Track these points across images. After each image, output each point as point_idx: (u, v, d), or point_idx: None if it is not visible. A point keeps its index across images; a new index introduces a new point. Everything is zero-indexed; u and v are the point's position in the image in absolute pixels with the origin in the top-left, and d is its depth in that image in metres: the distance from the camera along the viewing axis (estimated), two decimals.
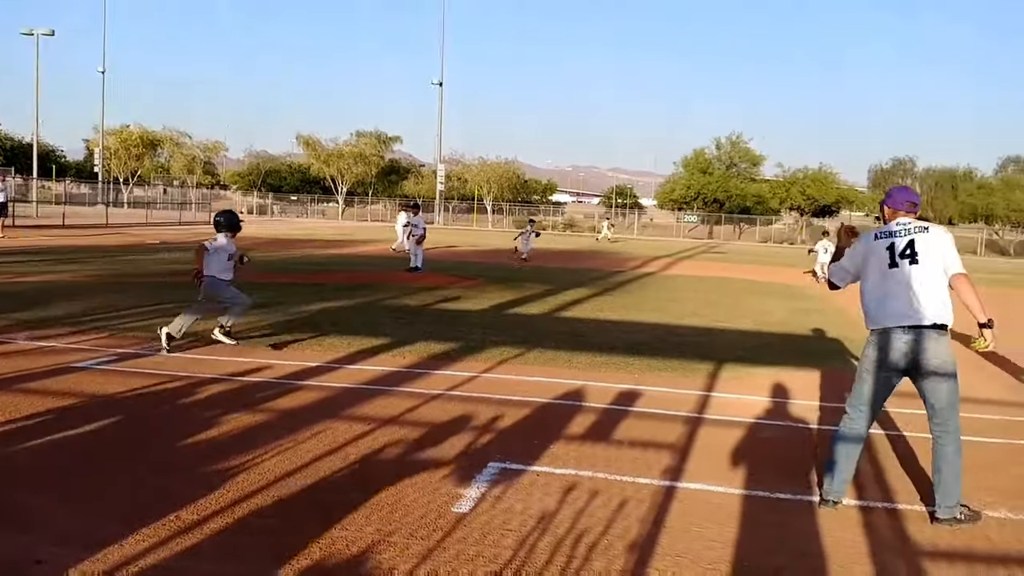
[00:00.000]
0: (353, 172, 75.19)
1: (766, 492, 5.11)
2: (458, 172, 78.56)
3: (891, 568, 4.09)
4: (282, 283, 16.00)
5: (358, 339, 9.67)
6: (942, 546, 4.40)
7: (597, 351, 9.67)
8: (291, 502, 4.54)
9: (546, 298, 15.33)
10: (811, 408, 7.44)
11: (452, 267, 22.16)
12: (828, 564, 4.08)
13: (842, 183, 70.80)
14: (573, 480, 5.09)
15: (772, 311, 15.19)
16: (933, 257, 4.75)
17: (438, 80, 66.55)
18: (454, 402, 6.97)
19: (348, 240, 34.85)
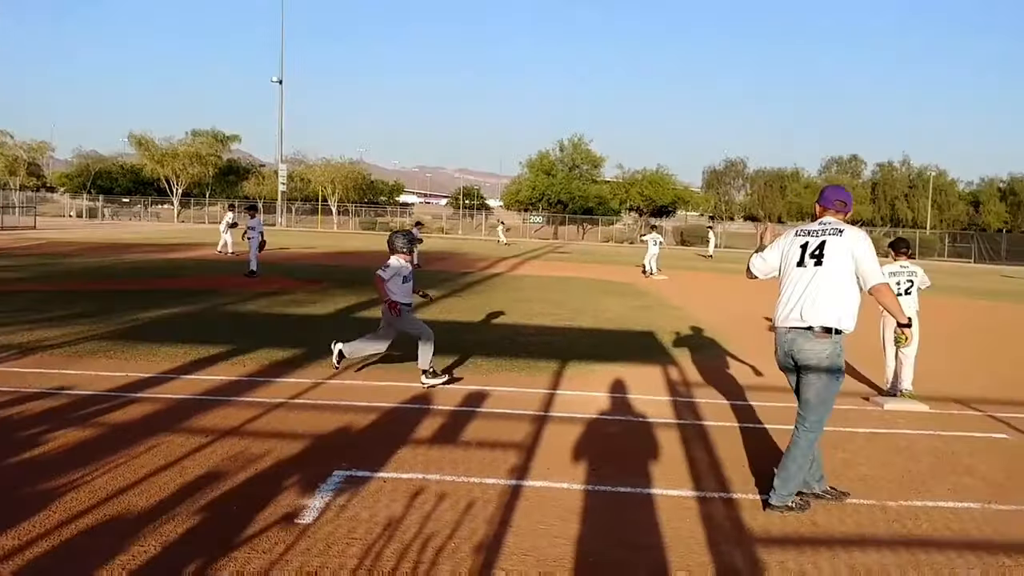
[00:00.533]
0: (189, 173, 72.26)
1: (608, 487, 5.25)
2: (301, 172, 76.92)
3: (727, 556, 4.27)
4: (113, 290, 15.24)
5: (195, 347, 9.31)
6: (774, 532, 4.63)
7: (444, 353, 9.64)
8: (124, 521, 4.31)
9: None
10: (649, 402, 7.69)
11: (296, 270, 21.70)
12: (668, 555, 4.23)
13: (678, 184, 73.68)
14: (420, 484, 5.07)
15: (611, 308, 15.65)
16: (840, 261, 4.85)
17: (278, 78, 64.92)
18: (297, 410, 6.81)
19: (184, 244, 33.51)
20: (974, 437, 6.92)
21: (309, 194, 76.41)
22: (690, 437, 6.53)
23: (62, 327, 10.34)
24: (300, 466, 5.33)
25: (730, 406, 7.74)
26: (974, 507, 5.19)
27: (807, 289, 4.87)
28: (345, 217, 75.54)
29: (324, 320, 12.37)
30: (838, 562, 4.23)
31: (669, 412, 7.37)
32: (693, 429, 6.80)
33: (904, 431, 6.96)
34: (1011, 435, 7.06)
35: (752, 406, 7.79)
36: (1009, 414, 7.80)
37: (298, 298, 15.04)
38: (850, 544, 4.50)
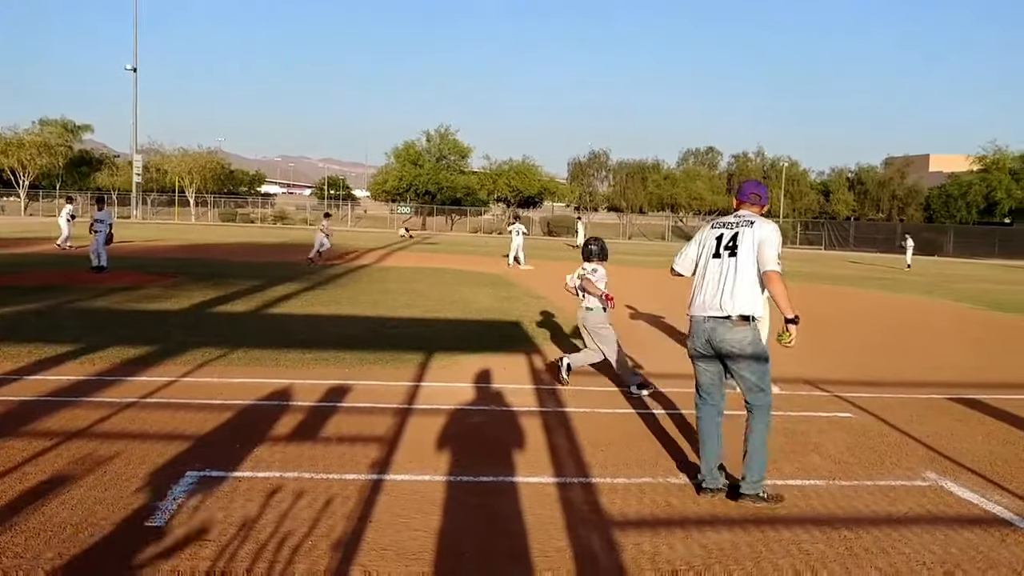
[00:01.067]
0: (37, 163, 68.26)
1: (470, 477, 5.25)
2: (157, 163, 73.94)
3: (585, 540, 4.33)
4: None
5: (41, 346, 8.80)
6: (631, 515, 4.73)
7: (306, 347, 9.48)
8: None
9: (253, 294, 14.81)
10: (513, 391, 7.75)
11: (150, 264, 20.82)
12: (528, 542, 4.26)
13: (544, 175, 74.59)
14: (278, 483, 4.94)
15: (478, 299, 15.70)
16: (750, 251, 4.97)
17: (132, 65, 62.09)
18: (149, 410, 6.53)
19: (32, 238, 31.67)
20: (821, 417, 7.27)
21: (166, 185, 73.54)
22: (552, 425, 6.61)
23: None
24: (151, 468, 5.10)
25: (592, 392, 7.88)
26: (820, 484, 5.45)
27: (723, 280, 4.99)
28: (204, 208, 73.06)
29: (179, 315, 11.91)
30: (691, 542, 4.36)
31: (532, 400, 7.45)
32: (555, 416, 6.89)
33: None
34: (855, 414, 7.46)
35: (613, 391, 7.96)
36: (853, 394, 8.24)
37: (152, 293, 14.44)
38: (703, 524, 4.64)
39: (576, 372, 8.34)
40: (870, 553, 4.30)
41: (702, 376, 5.21)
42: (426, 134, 72.96)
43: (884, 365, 10.34)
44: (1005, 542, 4.52)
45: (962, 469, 5.88)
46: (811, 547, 4.35)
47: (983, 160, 67.04)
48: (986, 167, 66.70)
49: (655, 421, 6.91)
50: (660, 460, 5.83)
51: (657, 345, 11.00)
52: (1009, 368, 10.56)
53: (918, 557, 4.26)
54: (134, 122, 63.27)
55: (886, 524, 4.75)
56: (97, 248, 18.82)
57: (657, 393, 7.93)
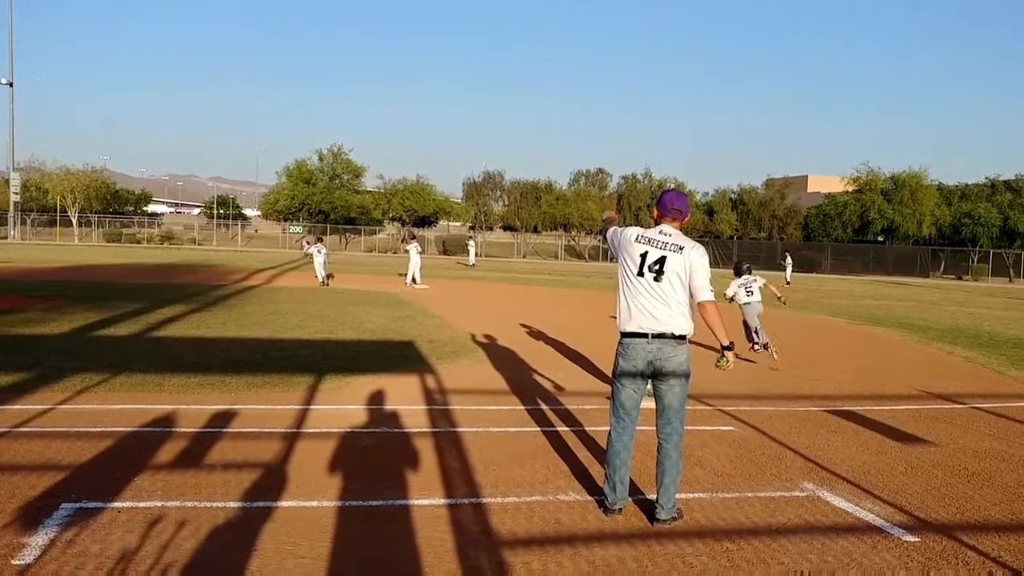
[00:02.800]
0: None
1: (360, 501, 5.20)
2: (37, 181, 70.85)
3: (475, 561, 4.34)
4: None
5: None
6: (520, 534, 4.76)
7: (191, 371, 9.22)
8: None
9: (138, 317, 14.32)
10: (405, 412, 7.71)
11: (28, 287, 19.90)
12: (417, 566, 4.24)
13: (439, 195, 74.59)
14: (159, 512, 4.79)
15: (372, 319, 15.56)
16: (678, 278, 4.97)
17: (7, 79, 59.42)
18: (22, 440, 6.23)
19: None
20: (704, 431, 7.47)
21: (47, 204, 70.47)
22: (444, 445, 6.60)
23: None
24: (21, 501, 4.87)
25: (483, 411, 7.91)
26: (703, 496, 5.61)
27: (652, 300, 4.98)
28: (87, 229, 70.32)
29: (58, 340, 11.42)
30: (580, 559, 4.42)
31: (424, 421, 7.43)
32: (447, 437, 6.89)
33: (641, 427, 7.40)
34: (736, 427, 7.70)
35: (506, 410, 8.01)
36: (734, 407, 8.52)
37: (29, 317, 13.79)
38: (591, 540, 4.71)
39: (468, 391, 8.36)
40: (751, 564, 4.44)
41: (625, 395, 5.15)
42: (318, 153, 72.10)
43: (764, 378, 10.71)
44: (876, 548, 4.74)
45: (837, 479, 6.14)
46: (695, 560, 4.46)
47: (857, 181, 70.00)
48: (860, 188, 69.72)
49: (547, 439, 6.98)
50: (550, 478, 5.89)
51: (554, 361, 11.11)
52: (883, 380, 11.06)
53: (796, 566, 4.42)
54: (11, 139, 60.54)
55: (766, 535, 4.91)
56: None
57: (550, 411, 8.02)
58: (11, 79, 59.57)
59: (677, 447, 5.12)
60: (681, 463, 5.14)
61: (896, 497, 5.74)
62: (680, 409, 5.11)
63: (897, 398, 9.72)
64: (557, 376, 9.96)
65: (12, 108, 60.23)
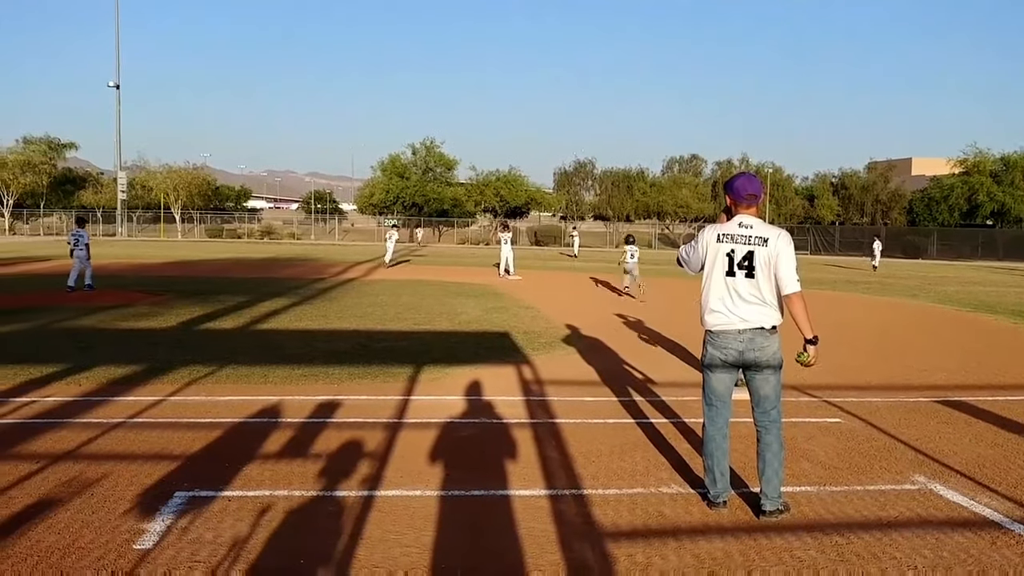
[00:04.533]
0: (20, 182, 67.89)
1: (462, 491, 5.23)
2: (142, 179, 73.69)
3: (578, 553, 4.32)
4: None
5: (26, 368, 8.74)
6: (623, 526, 4.72)
7: (295, 363, 9.45)
8: None
9: (242, 310, 14.76)
10: (503, 403, 7.73)
11: (137, 282, 20.72)
12: (520, 556, 4.24)
13: (531, 185, 74.64)
14: (268, 501, 4.91)
15: (467, 311, 15.68)
16: (767, 271, 4.84)
17: (115, 82, 61.93)
18: (137, 430, 6.49)
19: (16, 258, 31.45)
20: (809, 423, 7.29)
21: (151, 202, 73.27)
22: (543, 436, 6.59)
23: None
24: (139, 489, 5.07)
25: (581, 403, 7.88)
26: (810, 490, 5.46)
27: (744, 298, 4.87)
28: (190, 225, 72.89)
29: (167, 333, 11.86)
30: (684, 552, 4.35)
31: (522, 412, 7.43)
32: (546, 428, 6.88)
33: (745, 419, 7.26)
34: (843, 419, 7.48)
35: (604, 401, 7.96)
36: (842, 399, 8.26)
37: (139, 311, 14.37)
38: (695, 533, 4.64)
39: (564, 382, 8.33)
40: (861, 559, 4.30)
41: (716, 383, 5.06)
42: (411, 147, 73.00)
43: (871, 369, 10.37)
44: (995, 544, 4.53)
45: (951, 472, 5.90)
46: (803, 554, 4.35)
47: (964, 163, 67.44)
48: (967, 170, 67.12)
49: (646, 431, 6.91)
50: (651, 470, 5.82)
51: (650, 352, 11.00)
52: (995, 369, 10.60)
53: (909, 561, 4.27)
54: (117, 139, 63.06)
55: (877, 529, 4.75)
56: (84, 267, 18.41)
57: (647, 403, 7.94)
58: (118, 81, 62.02)
59: (777, 437, 5.00)
60: (783, 453, 5.01)
61: (1015, 491, 5.49)
62: (776, 398, 5.00)
63: (1012, 388, 9.30)
64: (652, 366, 9.86)
65: (119, 109, 62.73)
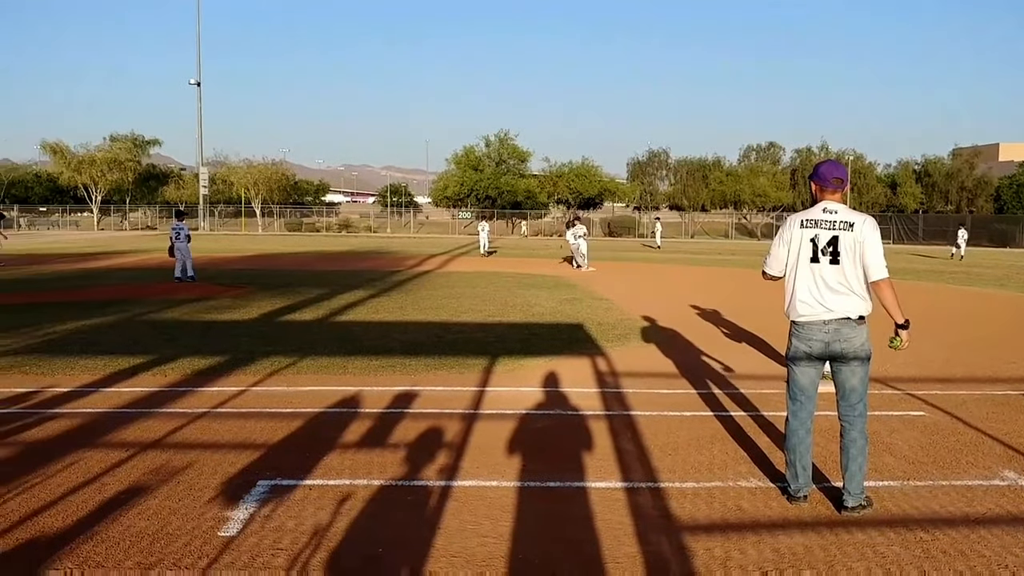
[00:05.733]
0: (108, 179, 70.21)
1: (538, 482, 5.25)
2: (223, 175, 75.50)
3: (655, 546, 4.30)
4: (29, 303, 14.74)
5: (115, 359, 9.06)
6: (701, 519, 4.68)
7: (373, 354, 9.59)
8: (39, 543, 4.15)
9: (320, 303, 15.04)
10: (578, 394, 7.72)
11: (219, 275, 21.26)
12: (597, 548, 4.24)
13: (604, 175, 74.19)
14: (348, 490, 5.01)
15: (541, 302, 15.69)
16: (853, 257, 4.72)
17: (196, 80, 63.53)
18: (221, 420, 6.67)
19: (105, 252, 32.61)
20: (892, 416, 7.10)
21: (232, 197, 75.06)
22: (618, 428, 6.57)
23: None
24: (224, 477, 5.21)
25: (657, 395, 7.82)
26: (894, 485, 5.33)
27: (829, 286, 4.76)
28: (270, 219, 74.41)
29: (247, 325, 12.15)
30: (763, 546, 4.30)
31: (598, 404, 7.42)
32: (621, 420, 6.85)
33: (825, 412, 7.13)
34: (927, 412, 7.27)
35: (680, 394, 7.89)
36: (925, 391, 8.04)
37: (221, 304, 14.76)
38: (775, 528, 4.57)
39: (639, 374, 8.29)
40: (948, 556, 4.19)
41: (802, 378, 4.96)
42: (485, 139, 73.26)
43: (956, 361, 10.04)
44: None
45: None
46: (886, 550, 4.25)
47: None
48: None
49: (724, 424, 6.82)
50: (729, 464, 5.75)
51: (727, 344, 10.86)
52: None
53: (999, 560, 4.14)
54: (199, 135, 64.72)
55: (964, 525, 4.62)
56: (188, 257, 19.41)
57: (725, 395, 7.84)
58: (199, 79, 63.60)
59: (862, 432, 4.89)
60: (867, 448, 4.90)
61: None
62: (863, 392, 4.89)
63: None
64: (730, 359, 9.73)
65: (200, 107, 64.35)
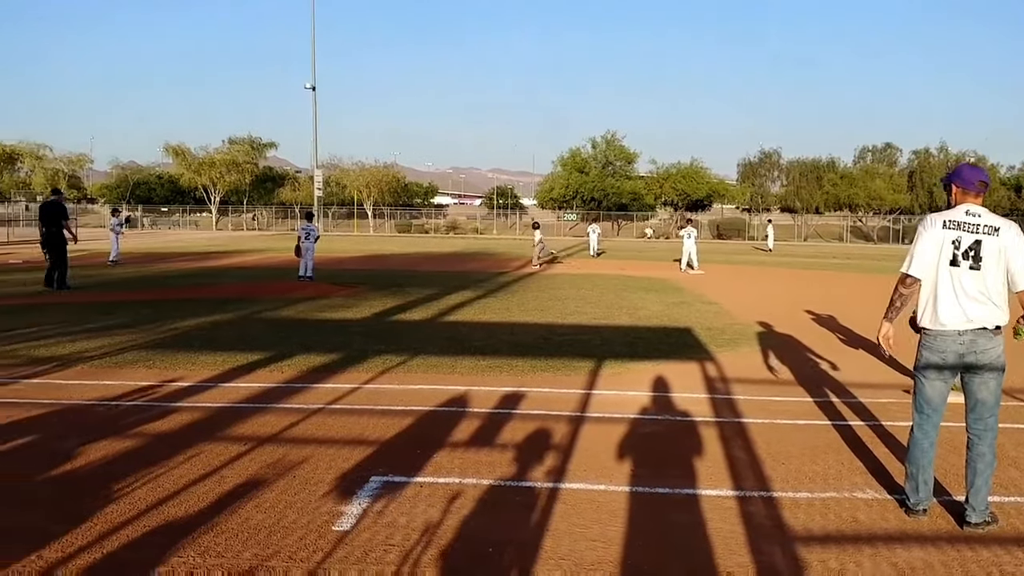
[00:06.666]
0: (226, 181, 73.03)
1: (647, 488, 5.20)
2: (336, 177, 77.49)
3: (768, 556, 4.21)
4: (153, 299, 15.45)
5: (233, 355, 9.41)
6: (815, 530, 4.56)
7: (480, 355, 9.69)
8: (163, 531, 4.35)
9: (429, 303, 15.28)
10: (687, 400, 7.62)
11: (332, 275, 21.82)
12: (707, 556, 4.18)
13: (713, 177, 72.93)
14: (457, 488, 5.07)
15: (647, 305, 15.54)
16: (997, 263, 4.57)
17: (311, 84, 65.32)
18: (335, 416, 6.85)
19: (223, 251, 33.91)
20: (1019, 428, 6.77)
21: (345, 199, 76.98)
22: (729, 435, 6.46)
23: (102, 338, 10.50)
24: (338, 472, 5.35)
25: (768, 402, 7.65)
26: (1021, 501, 5.09)
27: (968, 292, 4.58)
28: (381, 220, 75.99)
29: (360, 324, 12.44)
30: (880, 560, 4.16)
31: (707, 410, 7.31)
32: (732, 426, 6.73)
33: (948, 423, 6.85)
34: None
35: (792, 401, 7.70)
36: None
37: (335, 303, 15.15)
38: (892, 541, 4.42)
39: (750, 380, 8.13)
40: None
41: (931, 390, 4.76)
42: (591, 141, 73.04)
43: None
44: None
45: None
46: (1014, 568, 4.06)
47: None
48: None
49: (839, 433, 6.62)
50: (844, 474, 5.58)
51: (842, 351, 10.54)
52: None
53: None
54: (314, 139, 66.43)
55: None
56: (311, 257, 20.16)
57: (840, 404, 7.61)
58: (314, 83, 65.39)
59: (991, 446, 4.68)
60: (995, 463, 4.69)
61: None
62: (996, 404, 4.67)
63: None
64: (845, 366, 9.44)
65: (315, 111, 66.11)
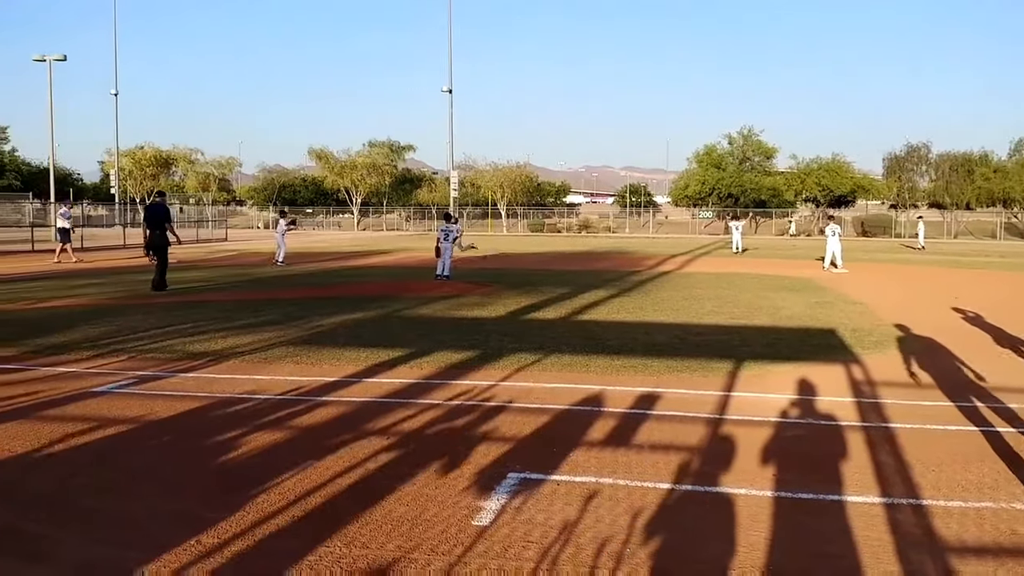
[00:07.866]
0: (367, 183, 75.44)
1: (789, 492, 5.05)
2: (471, 178, 78.73)
3: (918, 565, 4.03)
4: (299, 298, 16.09)
5: (376, 351, 9.68)
6: (969, 541, 4.33)
7: (615, 354, 9.63)
8: (311, 521, 4.53)
9: (562, 302, 15.31)
10: (832, 403, 7.36)
11: (468, 274, 22.18)
12: (855, 564, 4.03)
13: (857, 172, 70.13)
14: (594, 488, 5.06)
15: (788, 305, 15.08)
16: None
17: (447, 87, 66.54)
18: (472, 412, 6.96)
19: (365, 251, 34.99)
20: None
21: (479, 199, 78.12)
22: (875, 440, 6.20)
23: (252, 334, 11.00)
24: (476, 468, 5.43)
25: (917, 406, 7.30)
26: None
27: None
28: (514, 220, 76.71)
29: (495, 322, 12.59)
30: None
31: (852, 414, 7.04)
32: (878, 431, 6.46)
33: None
34: None
35: (942, 406, 7.33)
36: None
37: (471, 301, 15.38)
38: None
39: (898, 384, 7.78)
40: None
41: None
42: (728, 137, 71.55)
43: None
44: None
45: None
46: None
47: None
48: None
49: (993, 441, 6.26)
50: (1001, 484, 5.26)
51: (997, 355, 9.96)
52: None
53: None
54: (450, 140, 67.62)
55: None
56: (449, 256, 20.63)
57: (992, 409, 7.19)
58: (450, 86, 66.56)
59: None
60: None
61: None
62: None
63: None
64: (999, 371, 8.91)
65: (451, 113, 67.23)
